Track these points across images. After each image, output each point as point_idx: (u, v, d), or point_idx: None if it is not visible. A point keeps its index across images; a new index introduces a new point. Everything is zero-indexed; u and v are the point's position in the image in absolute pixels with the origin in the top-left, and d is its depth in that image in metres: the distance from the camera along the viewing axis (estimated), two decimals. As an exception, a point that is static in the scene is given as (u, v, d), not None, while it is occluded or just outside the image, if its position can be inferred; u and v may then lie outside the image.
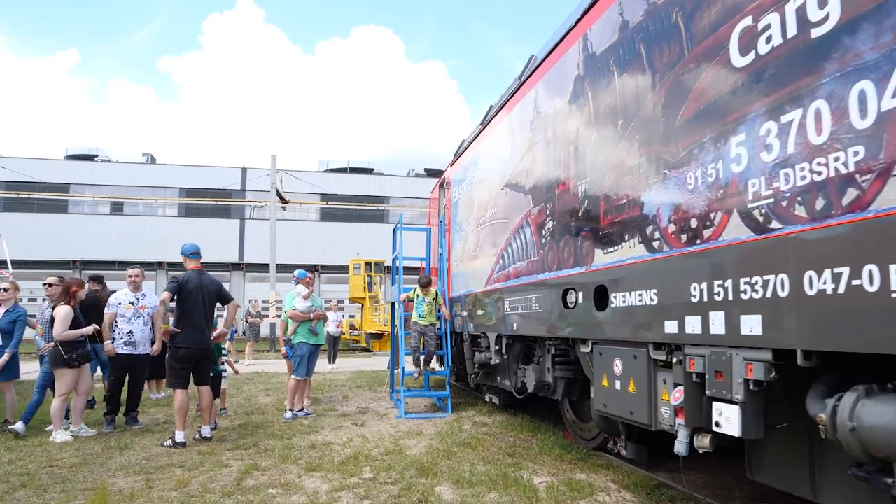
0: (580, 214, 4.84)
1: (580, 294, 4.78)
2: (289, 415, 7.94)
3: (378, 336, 24.60)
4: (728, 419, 3.07)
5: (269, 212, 24.69)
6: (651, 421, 3.86)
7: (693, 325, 3.39)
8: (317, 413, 8.43)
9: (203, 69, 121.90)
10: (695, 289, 3.39)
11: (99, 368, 8.65)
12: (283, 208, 28.35)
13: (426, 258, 11.21)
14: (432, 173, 40.87)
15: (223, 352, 7.63)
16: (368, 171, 42.74)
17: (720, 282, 3.19)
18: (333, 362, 16.56)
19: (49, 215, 36.71)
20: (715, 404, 3.20)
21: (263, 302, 24.61)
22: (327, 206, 36.58)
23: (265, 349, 23.26)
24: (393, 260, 11.15)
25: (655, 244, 3.80)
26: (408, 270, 9.75)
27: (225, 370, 7.62)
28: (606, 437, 5.69)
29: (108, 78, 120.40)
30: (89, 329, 7.18)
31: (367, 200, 39.29)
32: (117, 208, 38.30)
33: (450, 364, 8.76)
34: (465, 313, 8.50)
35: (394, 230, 11.59)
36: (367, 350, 25.06)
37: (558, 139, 5.34)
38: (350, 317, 28.97)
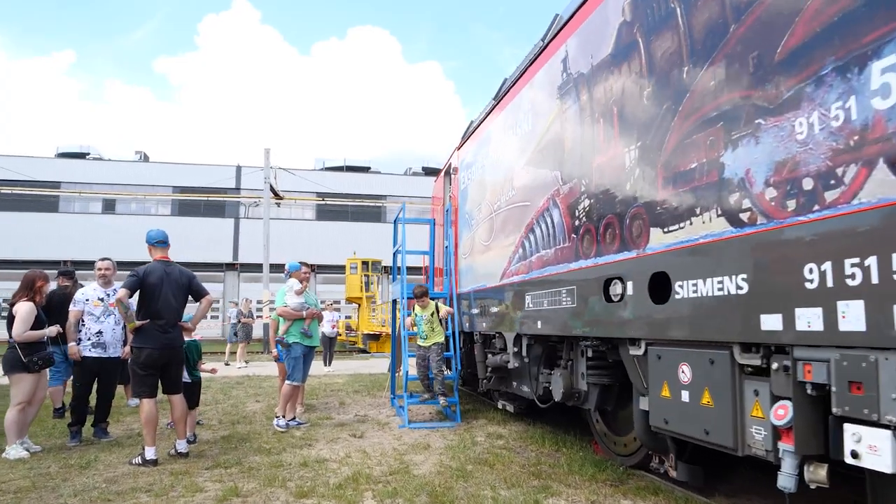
0: (628, 188, 3.99)
1: (629, 284, 3.92)
2: (282, 423, 7.06)
3: (375, 337, 23.77)
4: (874, 448, 2.22)
5: (263, 208, 23.81)
6: (737, 444, 3.00)
7: (808, 319, 2.54)
8: (310, 422, 7.55)
9: (199, 70, 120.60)
10: (811, 271, 2.54)
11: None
12: (278, 205, 27.45)
13: (430, 252, 10.33)
14: (430, 172, 40.02)
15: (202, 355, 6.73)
16: (365, 169, 41.85)
17: (855, 260, 2.34)
18: (329, 364, 15.72)
19: (39, 214, 35.67)
20: (849, 427, 2.35)
21: (258, 302, 23.75)
22: (323, 202, 35.66)
23: (258, 350, 22.36)
24: (394, 254, 10.29)
25: (744, 216, 2.95)
26: (410, 271, 8.82)
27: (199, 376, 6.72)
28: (650, 453, 4.84)
29: (104, 79, 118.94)
30: (53, 329, 6.31)
31: (364, 199, 38.40)
32: (109, 207, 37.31)
33: (458, 367, 7.88)
34: (475, 311, 7.64)
35: (395, 222, 10.73)
36: (364, 351, 24.22)
37: (597, 101, 4.49)
38: (347, 317, 28.11)
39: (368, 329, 24.81)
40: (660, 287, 3.62)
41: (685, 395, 3.38)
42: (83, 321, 6.56)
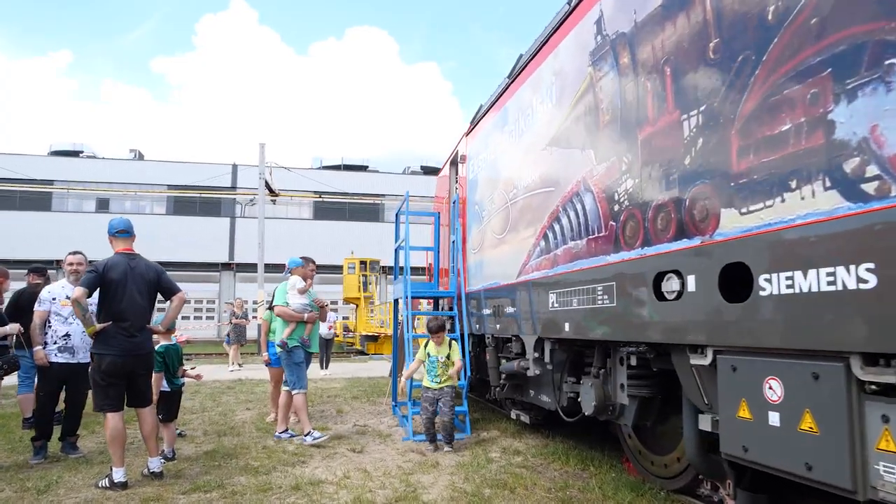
0: (688, 162, 3.30)
1: (691, 278, 3.23)
2: (316, 434, 6.26)
3: (374, 338, 23.08)
4: None
5: (258, 205, 23.07)
6: (857, 484, 2.31)
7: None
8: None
9: (197, 70, 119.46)
10: None
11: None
12: (273, 202, 26.71)
13: (435, 248, 9.63)
14: (428, 171, 39.35)
15: (183, 360, 6.00)
16: (363, 168, 41.13)
17: None
18: (326, 368, 15.00)
19: (32, 213, 34.79)
20: None
21: (254, 303, 23.03)
22: (320, 199, 34.91)
23: (252, 352, 21.62)
24: (395, 250, 9.59)
25: (869, 187, 2.26)
26: (412, 270, 8.07)
27: (183, 383, 5.99)
28: (699, 477, 4.15)
29: (101, 79, 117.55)
30: (14, 327, 5.63)
31: (362, 197, 37.67)
32: (103, 206, 36.45)
33: (468, 373, 7.17)
34: (486, 312, 6.93)
35: (396, 215, 10.05)
36: (362, 353, 23.52)
37: (643, 63, 3.80)
38: (344, 318, 27.41)
39: (367, 330, 24.15)
40: (735, 281, 2.93)
41: (774, 418, 2.68)
42: (49, 323, 5.86)
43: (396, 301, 9.58)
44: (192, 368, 6.49)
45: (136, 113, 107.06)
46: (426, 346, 6.40)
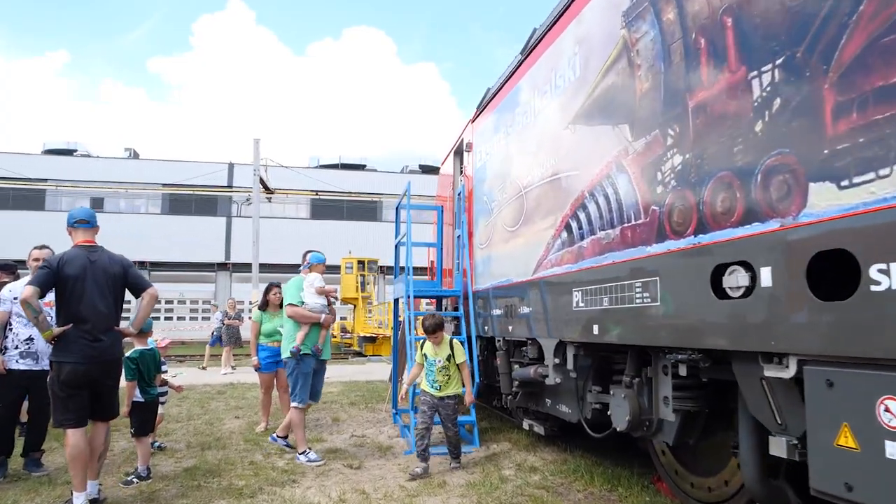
0: (759, 128, 2.69)
1: (766, 271, 2.62)
2: (313, 455, 5.60)
3: (372, 339, 22.48)
4: None
5: (253, 202, 22.44)
6: None
7: None
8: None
9: (195, 70, 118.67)
10: None
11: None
12: (269, 199, 26.08)
13: (438, 244, 9.01)
14: (427, 170, 38.74)
15: (163, 368, 5.37)
16: (361, 167, 40.52)
17: None
18: (323, 371, 14.35)
19: (25, 212, 34.10)
20: None
21: (250, 303, 22.41)
22: (317, 198, 34.29)
23: (248, 353, 20.96)
24: (395, 246, 8.97)
25: None
26: (413, 270, 7.42)
27: (165, 392, 5.38)
28: (754, 506, 3.55)
29: (99, 79, 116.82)
30: None
31: (360, 195, 37.05)
32: (97, 205, 35.67)
33: (477, 379, 6.54)
34: (497, 312, 6.32)
35: (397, 210, 9.45)
36: (360, 354, 22.92)
37: (694, 17, 3.19)
38: (342, 318, 26.79)
39: (365, 331, 23.55)
40: (830, 274, 2.32)
41: (893, 450, 2.07)
42: (10, 325, 5.24)
43: (397, 301, 8.97)
44: (173, 377, 5.88)
45: (133, 113, 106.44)
46: (423, 347, 5.68)
